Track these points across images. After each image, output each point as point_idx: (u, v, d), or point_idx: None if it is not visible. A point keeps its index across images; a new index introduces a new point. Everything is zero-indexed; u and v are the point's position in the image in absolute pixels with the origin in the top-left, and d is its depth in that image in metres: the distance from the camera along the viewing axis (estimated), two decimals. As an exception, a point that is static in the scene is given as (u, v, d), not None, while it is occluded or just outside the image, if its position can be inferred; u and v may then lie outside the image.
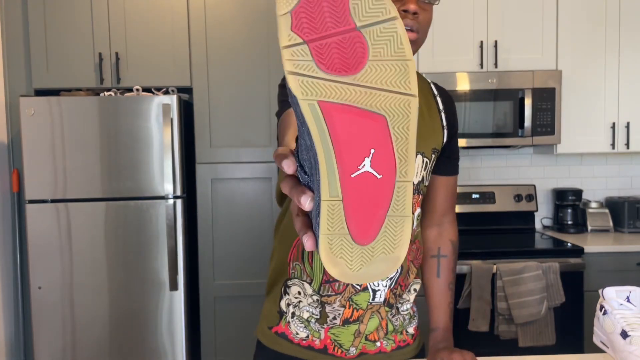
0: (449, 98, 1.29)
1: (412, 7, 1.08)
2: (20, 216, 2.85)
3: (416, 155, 1.16)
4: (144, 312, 2.64)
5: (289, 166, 0.54)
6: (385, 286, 1.16)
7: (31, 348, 2.77)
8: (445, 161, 1.28)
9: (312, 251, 1.14)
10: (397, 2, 1.11)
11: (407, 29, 1.10)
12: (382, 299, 1.17)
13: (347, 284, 1.15)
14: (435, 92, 1.27)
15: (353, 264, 0.50)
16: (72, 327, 2.62)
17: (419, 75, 1.28)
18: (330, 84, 0.47)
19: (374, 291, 1.16)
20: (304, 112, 0.47)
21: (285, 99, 1.10)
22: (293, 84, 0.47)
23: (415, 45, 1.14)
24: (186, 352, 2.66)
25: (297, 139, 0.57)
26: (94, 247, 2.61)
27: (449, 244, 1.32)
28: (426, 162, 1.19)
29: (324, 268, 1.15)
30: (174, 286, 2.61)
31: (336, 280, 1.15)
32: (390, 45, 0.47)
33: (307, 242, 0.53)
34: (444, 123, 1.25)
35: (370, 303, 1.17)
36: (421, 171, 1.18)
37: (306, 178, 0.54)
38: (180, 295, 2.63)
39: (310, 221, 0.56)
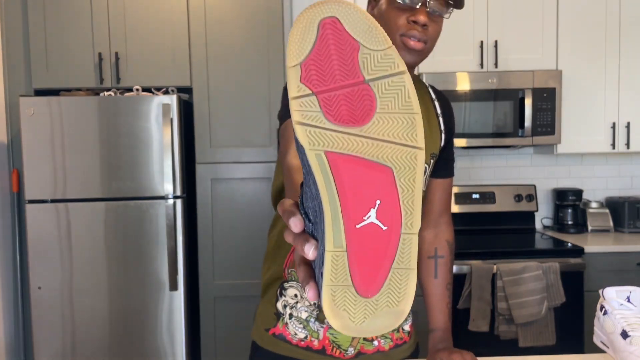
0: (447, 101, 1.29)
1: (422, 18, 1.08)
2: (20, 216, 2.85)
3: None
4: (143, 312, 2.63)
5: (296, 225, 0.53)
6: None
7: (31, 348, 2.77)
8: (442, 164, 1.28)
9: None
10: (407, 12, 1.10)
11: (414, 40, 1.10)
12: None
13: None
14: (433, 96, 1.27)
15: (356, 317, 0.49)
16: (71, 327, 2.62)
17: (418, 79, 1.28)
18: (337, 135, 0.48)
19: None
20: (311, 161, 0.47)
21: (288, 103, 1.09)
22: (301, 134, 0.47)
23: (421, 55, 1.14)
24: (186, 352, 2.66)
25: (301, 185, 0.57)
26: (94, 247, 2.61)
27: (446, 245, 1.33)
28: (425, 168, 1.19)
29: None
30: (173, 286, 2.61)
31: None
32: (397, 99, 0.48)
33: (310, 293, 0.53)
34: (442, 127, 1.24)
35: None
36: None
37: (310, 226, 0.53)
38: (180, 295, 2.63)
39: (313, 271, 0.55)
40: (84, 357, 2.63)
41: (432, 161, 1.21)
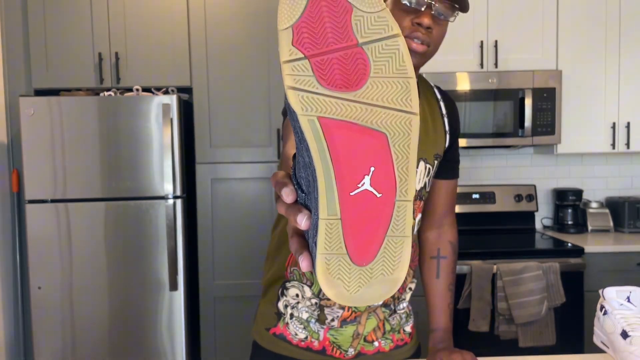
0: (452, 102, 1.29)
1: (426, 21, 1.08)
2: (20, 216, 2.85)
3: (419, 161, 1.15)
4: (143, 312, 2.63)
5: (287, 195, 0.53)
6: None
7: (31, 348, 2.77)
8: (447, 165, 1.28)
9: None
10: (412, 14, 1.10)
11: (418, 42, 1.10)
12: (380, 301, 1.17)
13: None
14: (439, 96, 1.27)
15: (351, 286, 0.49)
16: (71, 327, 2.62)
17: (423, 79, 1.27)
18: (330, 100, 0.46)
19: None
20: (304, 128, 0.46)
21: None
22: (293, 99, 0.46)
23: (425, 57, 1.13)
24: (186, 352, 2.66)
25: (294, 156, 0.56)
26: (94, 247, 2.61)
27: (449, 246, 1.32)
28: (429, 169, 1.19)
29: None
30: (173, 286, 2.61)
31: None
32: (392, 63, 0.47)
33: (303, 263, 0.52)
34: (447, 128, 1.24)
35: (369, 305, 1.17)
36: (423, 177, 1.18)
37: (303, 197, 0.53)
38: (180, 295, 2.63)
39: (306, 242, 0.54)
40: (84, 357, 2.63)
41: (436, 162, 1.21)
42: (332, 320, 1.17)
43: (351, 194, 0.47)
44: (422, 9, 1.09)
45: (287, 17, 0.47)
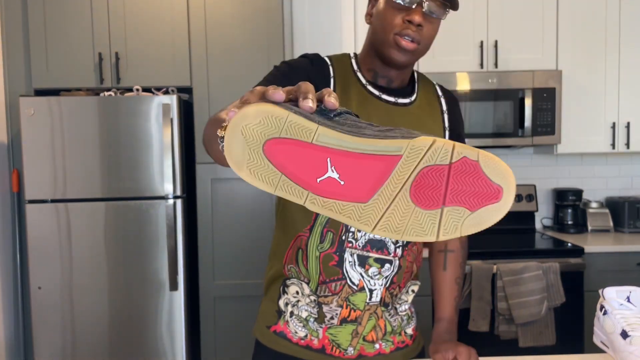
0: (454, 100, 1.29)
1: (417, 18, 1.09)
2: (20, 216, 2.85)
3: None
4: (144, 312, 2.64)
5: (275, 91, 0.59)
6: (382, 285, 1.17)
7: (31, 348, 2.77)
8: None
9: (306, 254, 1.15)
10: (403, 12, 1.11)
11: (408, 40, 1.10)
12: (378, 299, 1.18)
13: (344, 285, 1.15)
14: (440, 93, 1.27)
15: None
16: (72, 327, 2.62)
17: (425, 77, 1.28)
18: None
19: (371, 291, 1.16)
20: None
21: (271, 79, 1.10)
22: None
23: (415, 55, 1.14)
24: (186, 352, 2.66)
25: None
26: (94, 247, 2.61)
27: (456, 241, 1.33)
28: None
29: (320, 269, 1.16)
30: (174, 286, 2.61)
31: (332, 281, 1.16)
32: None
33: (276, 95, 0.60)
34: (446, 124, 1.25)
35: (368, 303, 1.17)
36: None
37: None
38: (180, 295, 2.63)
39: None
40: (84, 357, 2.63)
41: None
42: (332, 318, 1.18)
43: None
44: (414, 6, 1.10)
45: None
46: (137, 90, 2.67)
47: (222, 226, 2.78)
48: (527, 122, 2.83)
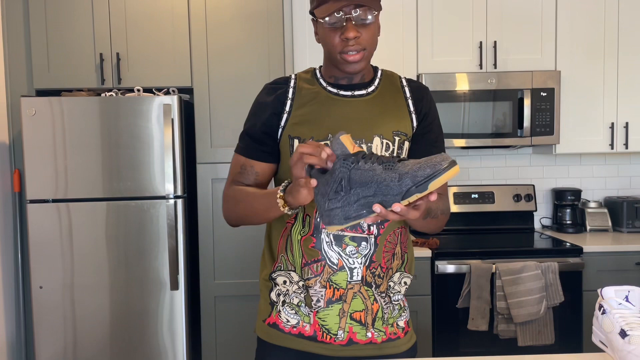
0: (420, 87, 1.37)
1: (351, 34, 1.18)
2: (22, 216, 2.85)
3: (373, 137, 1.25)
4: (144, 312, 2.64)
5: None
6: (361, 263, 1.22)
7: (32, 348, 2.77)
8: (429, 148, 1.32)
9: (292, 238, 1.25)
10: (338, 31, 1.20)
11: (353, 53, 1.20)
12: (359, 277, 1.22)
13: (324, 265, 1.21)
14: (404, 83, 1.35)
15: None
16: (73, 326, 2.63)
17: (391, 73, 1.37)
18: None
19: (350, 269, 1.22)
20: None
21: (242, 146, 1.34)
22: None
23: (366, 59, 1.24)
24: (187, 352, 2.67)
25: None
26: (95, 247, 2.62)
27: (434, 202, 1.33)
28: (387, 144, 1.26)
29: (302, 251, 1.23)
30: (174, 286, 2.62)
31: (313, 262, 1.22)
32: None
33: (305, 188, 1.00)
34: (411, 109, 1.32)
35: (349, 282, 1.22)
36: (382, 152, 1.25)
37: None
38: (180, 294, 2.64)
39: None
40: (85, 357, 2.64)
41: (396, 138, 1.27)
42: (318, 301, 1.23)
43: None
44: (344, 24, 1.19)
45: None
46: (138, 90, 2.68)
47: (223, 226, 2.78)
48: (526, 122, 2.84)
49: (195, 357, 2.87)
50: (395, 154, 1.27)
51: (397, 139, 1.27)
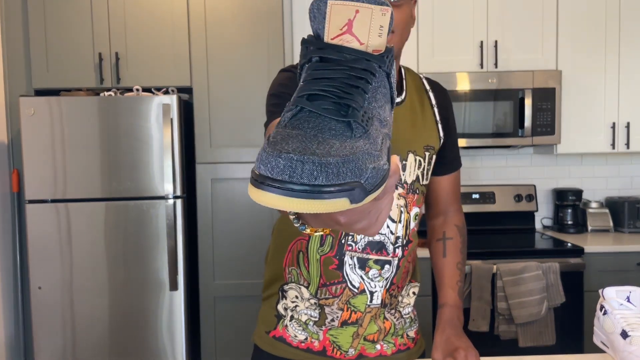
0: (442, 91, 1.28)
1: None
2: (20, 216, 2.85)
3: (407, 154, 1.16)
4: (144, 312, 2.64)
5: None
6: (382, 287, 1.16)
7: (31, 348, 2.77)
8: (444, 160, 1.28)
9: (308, 255, 1.15)
10: None
11: None
12: (379, 301, 1.17)
13: (344, 288, 1.14)
14: (428, 87, 1.26)
15: None
16: (72, 327, 2.62)
17: (411, 71, 1.27)
18: None
19: (371, 293, 1.16)
20: None
21: (274, 109, 1.09)
22: None
23: (394, 47, 1.12)
24: (186, 352, 2.66)
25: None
26: (94, 247, 2.61)
27: (454, 228, 1.32)
28: (419, 161, 1.18)
29: (320, 272, 1.15)
30: (174, 286, 2.61)
31: (333, 284, 1.15)
32: None
33: None
34: (438, 118, 1.24)
35: (369, 306, 1.17)
36: (414, 170, 1.18)
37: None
38: (180, 295, 2.64)
39: None
40: (84, 357, 2.63)
41: (427, 154, 1.20)
42: (332, 320, 1.17)
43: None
44: None
45: None
46: (137, 90, 2.67)
47: (222, 226, 2.78)
48: (527, 122, 2.83)
49: (194, 358, 2.86)
50: (424, 170, 1.21)
51: (427, 154, 1.20)
